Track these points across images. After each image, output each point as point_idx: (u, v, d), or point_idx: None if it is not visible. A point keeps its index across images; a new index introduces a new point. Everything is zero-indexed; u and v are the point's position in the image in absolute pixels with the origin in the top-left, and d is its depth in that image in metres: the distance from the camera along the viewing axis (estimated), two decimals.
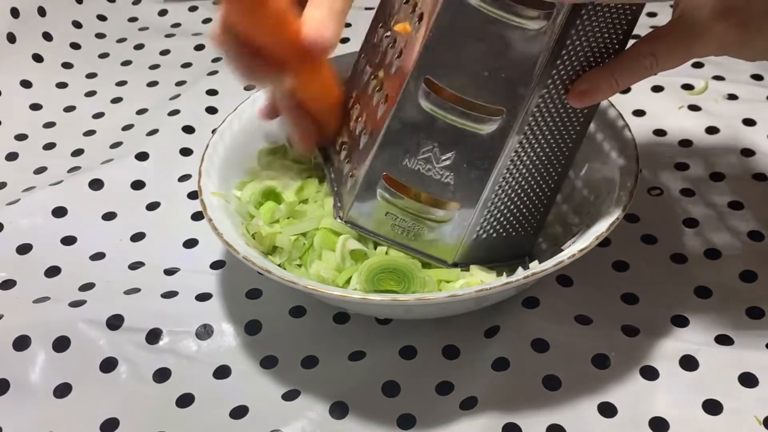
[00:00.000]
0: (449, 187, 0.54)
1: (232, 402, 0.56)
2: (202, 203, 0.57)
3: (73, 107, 0.82)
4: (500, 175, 0.54)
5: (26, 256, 0.66)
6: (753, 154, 0.70)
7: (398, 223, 0.55)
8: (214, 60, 0.87)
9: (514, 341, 0.57)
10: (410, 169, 0.54)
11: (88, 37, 0.91)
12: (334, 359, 0.58)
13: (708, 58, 0.78)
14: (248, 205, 0.60)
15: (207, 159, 0.61)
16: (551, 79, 0.52)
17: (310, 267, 0.57)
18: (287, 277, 0.53)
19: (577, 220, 0.60)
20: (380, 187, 0.54)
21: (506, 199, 0.55)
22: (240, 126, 0.64)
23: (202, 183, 0.59)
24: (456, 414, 0.54)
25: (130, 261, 0.65)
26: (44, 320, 0.60)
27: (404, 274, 0.55)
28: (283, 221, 0.59)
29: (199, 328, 0.60)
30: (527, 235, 0.58)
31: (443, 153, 0.53)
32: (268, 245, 0.58)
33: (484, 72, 0.51)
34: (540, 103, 0.52)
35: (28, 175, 0.74)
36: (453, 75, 0.51)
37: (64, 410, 0.56)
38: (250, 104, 0.65)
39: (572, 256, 0.52)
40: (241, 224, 0.59)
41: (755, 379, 0.55)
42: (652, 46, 0.52)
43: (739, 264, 0.62)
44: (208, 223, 0.56)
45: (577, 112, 0.54)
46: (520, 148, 0.53)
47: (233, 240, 0.55)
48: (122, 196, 0.71)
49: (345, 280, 0.56)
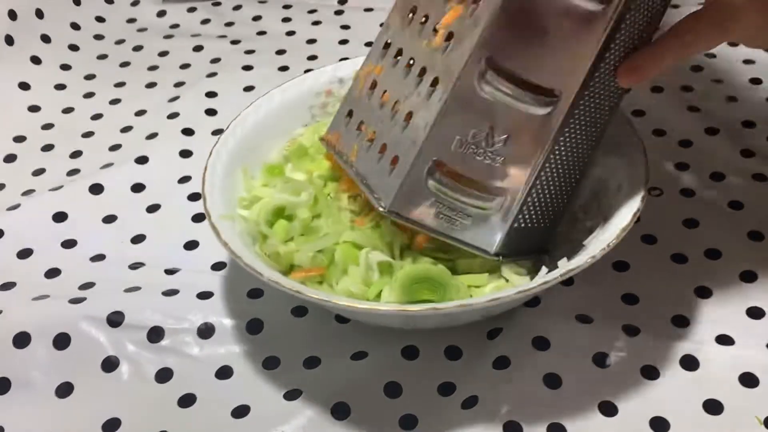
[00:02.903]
0: (499, 171, 0.53)
1: (234, 402, 0.56)
2: (213, 228, 0.56)
3: (71, 108, 0.82)
4: (546, 160, 0.53)
5: (26, 261, 0.66)
6: (753, 155, 0.70)
7: (444, 212, 0.54)
8: (213, 61, 0.87)
9: (515, 340, 0.57)
10: (461, 153, 0.52)
11: (87, 38, 0.91)
12: (335, 359, 0.58)
13: (706, 61, 0.80)
14: (260, 225, 0.58)
15: (208, 180, 0.59)
16: (604, 62, 0.52)
17: (337, 283, 0.56)
18: (321, 296, 0.52)
19: (582, 215, 0.60)
20: (429, 173, 0.53)
21: (544, 187, 0.55)
22: (235, 143, 0.63)
23: (209, 206, 0.57)
24: (458, 415, 0.54)
25: (131, 262, 0.65)
26: (44, 317, 0.60)
27: (438, 282, 0.54)
28: (297, 239, 0.58)
29: (200, 326, 0.60)
30: (548, 228, 0.58)
31: (495, 136, 0.52)
32: (285, 264, 0.57)
33: (544, 52, 0.51)
34: (591, 86, 0.52)
35: (26, 177, 0.74)
36: (514, 55, 0.51)
37: (66, 410, 0.56)
38: (240, 122, 0.64)
39: (603, 249, 0.52)
40: (253, 244, 0.57)
41: (756, 379, 0.55)
42: (692, 25, 0.52)
43: (739, 264, 0.62)
44: (224, 247, 0.54)
45: (612, 99, 0.54)
46: (567, 132, 0.53)
47: (253, 262, 0.53)
48: (122, 199, 0.71)
49: (375, 294, 0.55)
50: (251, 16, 0.94)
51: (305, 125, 0.66)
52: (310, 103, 0.67)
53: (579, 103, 0.52)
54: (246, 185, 0.62)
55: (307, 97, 0.67)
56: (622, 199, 0.56)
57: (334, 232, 0.57)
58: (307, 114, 0.67)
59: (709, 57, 0.81)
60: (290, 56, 0.87)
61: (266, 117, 0.65)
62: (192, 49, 0.89)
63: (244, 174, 0.62)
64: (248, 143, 0.63)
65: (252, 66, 0.85)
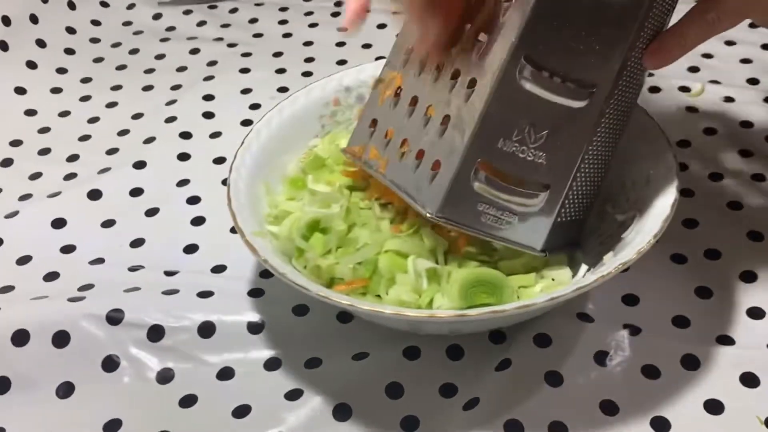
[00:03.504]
0: (542, 167, 0.53)
1: (235, 402, 0.56)
2: (249, 246, 0.54)
3: (68, 112, 0.82)
4: (585, 152, 0.54)
5: (25, 266, 0.66)
6: (751, 155, 0.71)
7: (490, 212, 0.54)
8: (210, 64, 0.87)
9: (516, 339, 0.57)
10: (505, 152, 0.53)
11: (83, 41, 0.91)
12: (337, 359, 0.58)
13: (704, 62, 0.80)
14: (294, 240, 0.57)
15: (233, 197, 0.58)
16: (635, 50, 0.52)
17: (387, 293, 0.55)
18: (377, 308, 0.51)
19: (610, 209, 0.60)
20: (475, 175, 0.53)
21: (583, 178, 0.55)
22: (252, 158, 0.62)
23: (241, 224, 0.56)
24: (459, 415, 0.54)
25: (130, 265, 0.65)
26: (42, 315, 0.60)
27: (495, 285, 0.54)
28: (335, 251, 0.57)
29: (201, 326, 0.60)
30: (583, 220, 0.58)
31: (537, 132, 0.52)
32: (326, 278, 0.56)
33: (580, 46, 0.51)
34: (624, 75, 0.53)
35: (23, 181, 0.74)
36: (552, 51, 0.51)
37: (67, 411, 0.56)
38: (255, 135, 0.63)
39: (650, 242, 0.52)
40: (288, 261, 0.57)
41: (756, 379, 0.55)
42: (713, 5, 0.53)
43: (739, 264, 0.62)
44: (264, 264, 0.54)
45: (638, 87, 0.55)
46: (604, 122, 0.53)
47: (299, 279, 0.53)
48: (121, 203, 0.71)
49: (427, 302, 0.54)
50: (248, 18, 0.94)
51: (316, 136, 0.66)
52: (320, 113, 0.66)
53: (614, 93, 0.53)
54: (270, 200, 0.61)
55: (316, 108, 0.66)
56: (653, 191, 0.56)
57: (374, 242, 0.56)
58: (317, 124, 0.66)
59: (706, 57, 0.81)
60: (287, 59, 0.87)
61: (279, 130, 0.64)
62: (188, 52, 0.89)
63: (266, 189, 0.62)
64: (264, 157, 0.63)
65: (249, 69, 0.85)
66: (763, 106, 0.76)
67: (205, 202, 0.70)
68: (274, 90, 0.82)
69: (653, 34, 0.53)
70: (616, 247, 0.55)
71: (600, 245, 0.58)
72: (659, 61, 0.54)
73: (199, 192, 0.71)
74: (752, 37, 0.83)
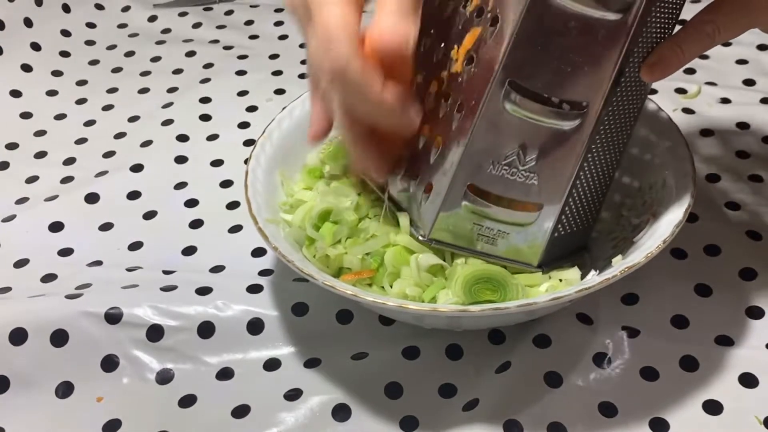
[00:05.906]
0: (534, 188, 0.53)
1: (234, 401, 0.56)
2: (261, 233, 0.55)
3: (64, 115, 0.82)
4: (580, 168, 0.53)
5: (22, 269, 0.66)
6: (748, 156, 0.71)
7: (483, 233, 0.54)
8: (206, 66, 0.87)
9: (516, 339, 0.57)
10: (495, 175, 0.53)
11: (78, 44, 0.91)
12: (336, 359, 0.58)
13: (700, 63, 0.80)
14: (305, 229, 0.58)
15: (251, 185, 0.58)
16: (628, 66, 0.52)
17: (391, 286, 0.55)
18: (380, 300, 0.52)
19: (626, 212, 0.60)
20: (465, 198, 0.53)
21: (580, 194, 0.55)
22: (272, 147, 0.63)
23: (255, 211, 0.56)
24: (458, 415, 0.54)
25: (128, 266, 0.65)
26: (40, 312, 0.59)
27: (499, 282, 0.54)
28: (345, 241, 0.57)
29: (200, 326, 0.59)
30: (586, 228, 0.58)
31: (527, 154, 0.52)
32: (335, 267, 0.57)
33: (567, 68, 0.50)
34: (618, 91, 0.52)
35: (20, 184, 0.74)
36: (537, 74, 0.51)
37: (66, 411, 0.56)
38: (276, 125, 0.63)
39: (659, 246, 0.52)
40: (299, 249, 0.57)
41: (755, 380, 0.55)
42: (713, 15, 0.52)
43: (739, 261, 0.62)
44: (274, 251, 0.54)
45: (639, 96, 0.54)
46: (597, 138, 0.53)
47: (307, 267, 0.53)
48: (118, 206, 0.70)
49: (431, 297, 0.54)
50: (243, 20, 0.94)
51: None
52: None
53: (608, 109, 0.52)
54: (286, 189, 0.62)
55: None
56: (669, 196, 0.56)
57: (383, 233, 0.57)
58: None
59: (702, 59, 0.82)
60: (284, 60, 0.87)
61: (300, 121, 0.64)
62: (184, 54, 0.89)
63: (282, 177, 0.62)
64: (284, 148, 0.63)
65: (245, 71, 0.85)
66: (759, 107, 0.76)
67: (203, 204, 0.70)
68: (270, 92, 0.82)
69: (652, 45, 0.53)
70: (627, 251, 0.55)
71: (613, 248, 0.58)
72: (657, 75, 0.53)
73: (196, 194, 0.71)
74: (748, 39, 0.82)
